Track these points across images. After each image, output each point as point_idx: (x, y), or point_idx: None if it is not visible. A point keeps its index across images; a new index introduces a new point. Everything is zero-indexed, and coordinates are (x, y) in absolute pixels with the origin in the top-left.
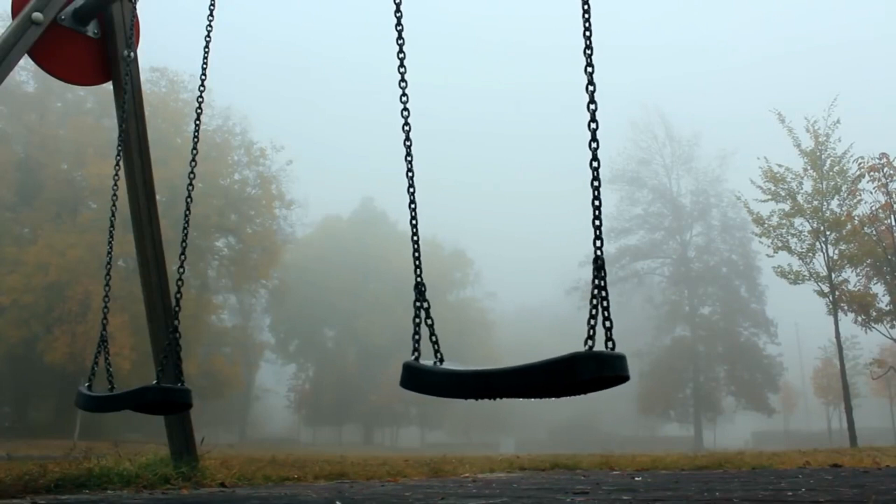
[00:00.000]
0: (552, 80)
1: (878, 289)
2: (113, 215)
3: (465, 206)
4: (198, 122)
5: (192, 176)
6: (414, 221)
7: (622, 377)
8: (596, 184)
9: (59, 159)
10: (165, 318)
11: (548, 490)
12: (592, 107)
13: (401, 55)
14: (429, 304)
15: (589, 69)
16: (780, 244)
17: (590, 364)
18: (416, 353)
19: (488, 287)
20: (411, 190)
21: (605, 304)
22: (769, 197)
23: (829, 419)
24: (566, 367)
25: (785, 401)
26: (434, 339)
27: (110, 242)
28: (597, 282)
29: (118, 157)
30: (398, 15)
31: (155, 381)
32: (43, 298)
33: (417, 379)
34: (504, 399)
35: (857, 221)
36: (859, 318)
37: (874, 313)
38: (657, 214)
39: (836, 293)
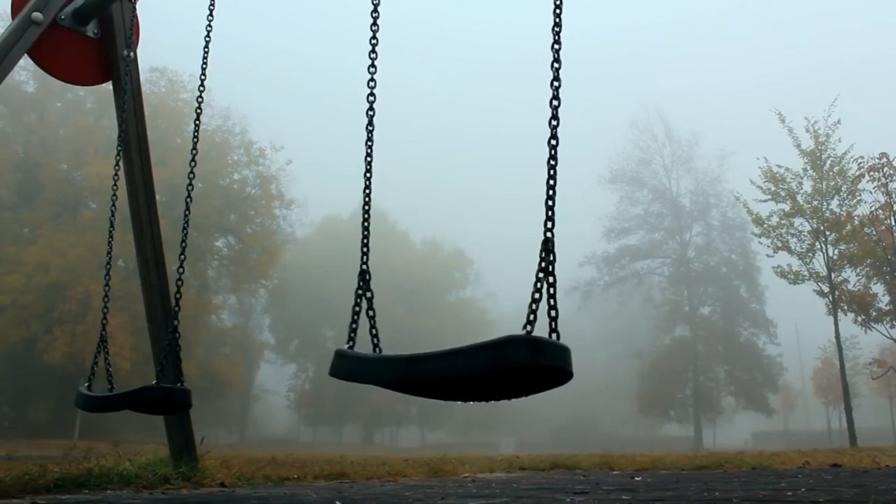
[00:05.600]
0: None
1: (878, 289)
2: (113, 215)
3: (466, 207)
4: (198, 122)
5: (191, 176)
6: (367, 207)
7: (563, 371)
8: (553, 163)
9: (59, 159)
10: (165, 318)
11: (548, 490)
12: (556, 84)
13: (373, 41)
14: (372, 293)
15: (556, 46)
16: (779, 244)
17: (524, 348)
18: (350, 342)
19: (488, 287)
20: (368, 175)
21: (551, 290)
22: (769, 197)
23: (829, 419)
24: (497, 350)
25: (785, 401)
26: (374, 331)
27: (110, 242)
28: (543, 265)
29: (118, 157)
30: (375, 15)
31: (155, 381)
32: (43, 298)
33: (345, 366)
34: (454, 401)
35: (856, 221)
36: (859, 318)
37: (874, 313)
38: (657, 214)
39: (836, 293)
